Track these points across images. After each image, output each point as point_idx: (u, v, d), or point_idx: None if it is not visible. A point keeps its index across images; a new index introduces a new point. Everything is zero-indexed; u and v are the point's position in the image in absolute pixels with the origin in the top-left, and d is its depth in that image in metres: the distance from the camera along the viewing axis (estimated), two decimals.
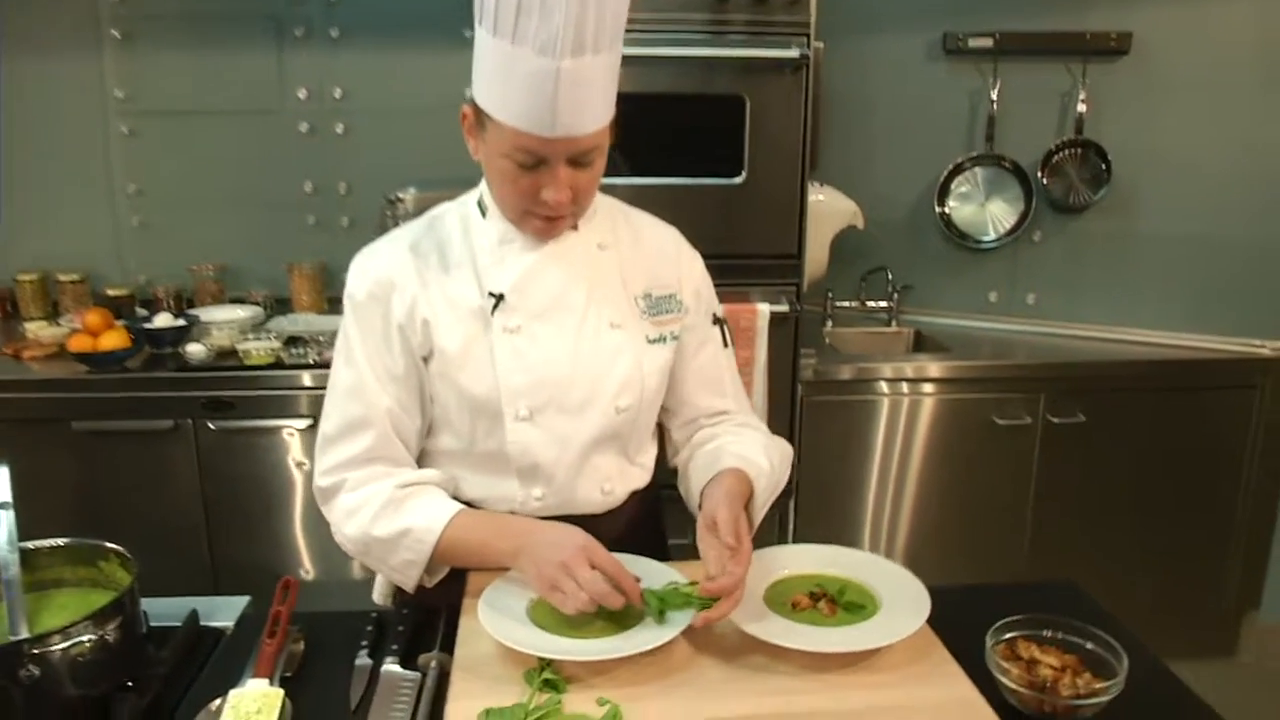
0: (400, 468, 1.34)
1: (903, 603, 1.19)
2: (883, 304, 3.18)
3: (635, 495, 1.46)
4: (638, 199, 1.51)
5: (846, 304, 3.18)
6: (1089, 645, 1.16)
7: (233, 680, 1.16)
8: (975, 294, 3.20)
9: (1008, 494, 2.85)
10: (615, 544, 1.35)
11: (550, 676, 1.07)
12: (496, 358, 1.30)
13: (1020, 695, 1.10)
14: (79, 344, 2.64)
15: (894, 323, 3.19)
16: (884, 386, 2.74)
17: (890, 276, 3.15)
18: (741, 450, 1.39)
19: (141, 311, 3.02)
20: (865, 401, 2.75)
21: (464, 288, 1.32)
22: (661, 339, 1.40)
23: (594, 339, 1.34)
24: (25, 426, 2.60)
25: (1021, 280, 3.16)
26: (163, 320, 2.79)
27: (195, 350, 2.71)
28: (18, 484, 2.56)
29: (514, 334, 1.30)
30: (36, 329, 2.89)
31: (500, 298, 1.30)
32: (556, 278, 1.32)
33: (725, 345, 1.51)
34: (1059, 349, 2.96)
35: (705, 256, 1.51)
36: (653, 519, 1.56)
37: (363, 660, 1.23)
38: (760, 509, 1.35)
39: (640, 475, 1.47)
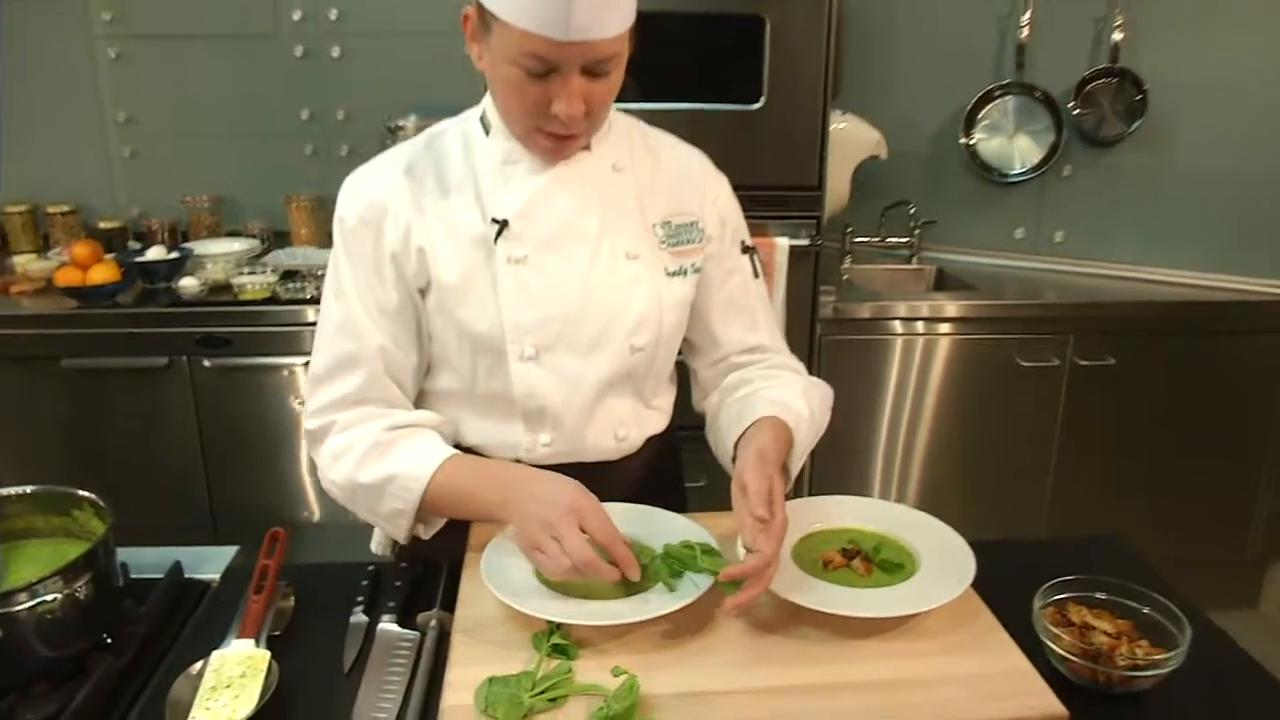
0: (393, 409, 1.23)
1: (945, 562, 1.10)
2: (904, 240, 3.06)
3: (651, 440, 1.36)
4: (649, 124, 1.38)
5: (866, 240, 3.05)
6: (1146, 610, 1.07)
7: (217, 639, 1.07)
8: (1001, 230, 3.07)
9: (1030, 439, 2.76)
10: (629, 493, 1.27)
11: (560, 641, 0.98)
12: (500, 291, 1.19)
13: (1071, 664, 1.01)
14: (66, 277, 2.54)
15: (915, 260, 3.07)
16: (904, 326, 2.63)
17: (912, 211, 3.02)
18: (777, 395, 1.28)
19: (134, 245, 2.93)
20: (885, 341, 2.65)
21: (464, 213, 1.20)
22: (681, 272, 1.28)
23: (608, 271, 1.23)
24: (13, 365, 2.52)
25: (1049, 216, 3.03)
26: (155, 253, 2.71)
27: (189, 284, 2.61)
28: (6, 425, 2.48)
29: (519, 265, 1.19)
30: (25, 263, 2.80)
31: (504, 224, 1.18)
32: (566, 203, 1.21)
33: (756, 276, 1.39)
34: (1087, 289, 2.85)
35: None
36: (670, 465, 1.46)
37: (357, 618, 1.14)
38: (799, 459, 1.25)
39: (657, 419, 1.37)
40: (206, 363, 2.53)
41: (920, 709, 0.91)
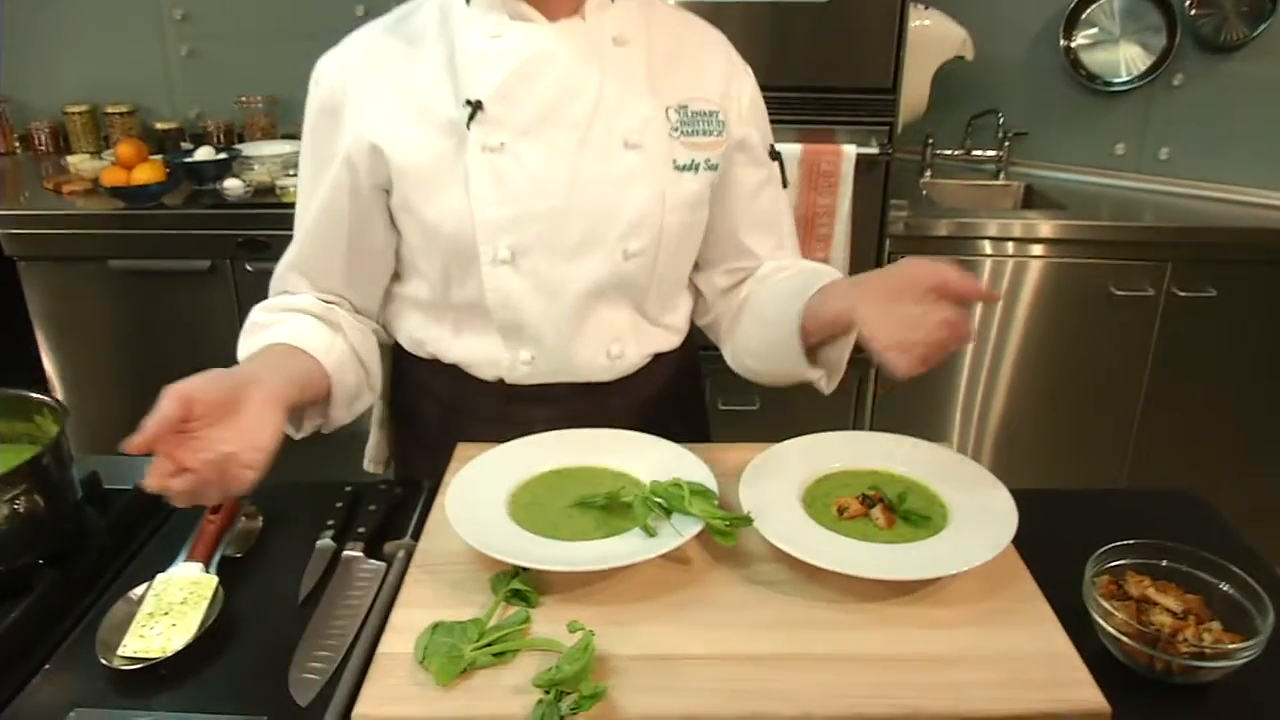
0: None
1: (981, 516, 0.94)
2: (991, 153, 2.81)
3: (661, 359, 1.22)
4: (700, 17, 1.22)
5: (948, 151, 2.81)
6: (1223, 586, 0.90)
7: (174, 560, 0.99)
8: (1099, 145, 2.79)
9: (1118, 376, 2.53)
10: (636, 420, 1.14)
11: (520, 587, 0.86)
12: (471, 183, 1.05)
13: (1125, 646, 0.85)
14: (112, 177, 2.50)
15: (1002, 175, 2.83)
16: (986, 246, 2.41)
17: (1001, 121, 2.77)
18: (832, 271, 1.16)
19: (186, 146, 2.88)
20: (963, 262, 2.43)
21: (436, 94, 1.06)
22: (693, 166, 1.12)
23: (600, 162, 1.07)
24: (63, 265, 2.51)
25: (1154, 131, 2.74)
26: (203, 154, 2.66)
27: (233, 186, 2.55)
28: (55, 324, 2.46)
29: (494, 154, 1.05)
30: (78, 162, 2.77)
31: (478, 106, 1.04)
32: (553, 82, 1.05)
33: (784, 185, 1.24)
34: (1191, 212, 2.58)
35: (783, 89, 1.23)
36: (687, 388, 1.32)
37: (324, 543, 1.04)
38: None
39: (664, 337, 1.22)
40: (249, 267, 2.46)
41: (930, 693, 0.76)
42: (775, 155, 1.21)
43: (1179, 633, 0.85)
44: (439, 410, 1.23)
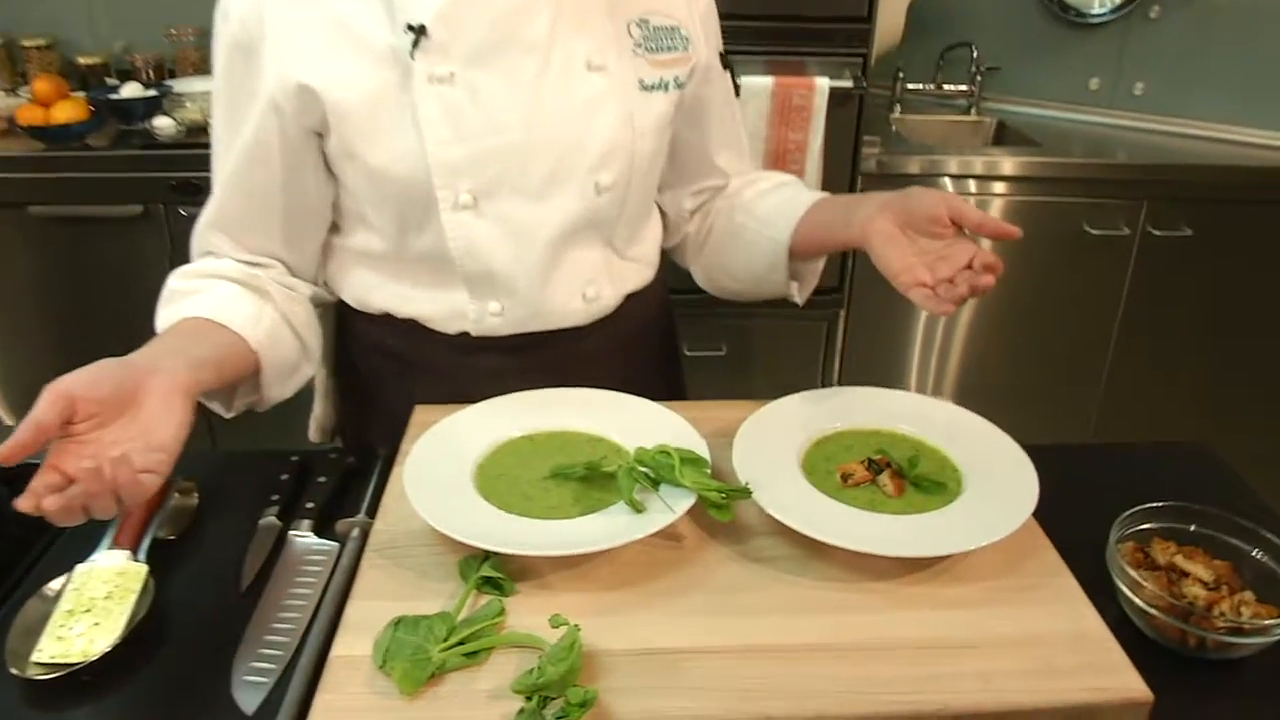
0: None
1: (999, 482, 0.85)
2: (963, 87, 2.72)
3: (633, 299, 1.13)
4: None
5: (919, 86, 2.71)
6: (1255, 553, 0.83)
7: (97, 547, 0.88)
8: (1073, 80, 2.71)
9: (1090, 318, 2.48)
10: (609, 367, 1.05)
11: (493, 573, 0.76)
12: (421, 122, 0.93)
13: (1155, 620, 0.78)
14: (29, 116, 2.31)
15: (974, 110, 2.74)
16: (957, 184, 2.33)
17: (975, 54, 2.66)
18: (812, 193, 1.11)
19: (112, 82, 2.68)
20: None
21: (369, 20, 0.93)
22: (661, 85, 1.02)
23: (563, 88, 0.96)
24: None
25: (1130, 66, 2.65)
26: (130, 90, 2.48)
27: (164, 125, 2.39)
28: None
29: (444, 85, 0.92)
30: None
31: (420, 31, 0.91)
32: (504, 0, 0.93)
33: (737, 94, 1.18)
34: (1167, 149, 2.51)
35: (753, 17, 1.16)
36: (661, 331, 1.23)
37: (269, 521, 0.94)
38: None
39: (637, 272, 1.13)
40: (184, 211, 2.30)
41: (956, 686, 0.68)
42: (727, 64, 1.14)
43: (1214, 606, 0.78)
44: (392, 368, 1.12)
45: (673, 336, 1.28)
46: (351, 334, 1.14)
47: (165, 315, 0.96)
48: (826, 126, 2.10)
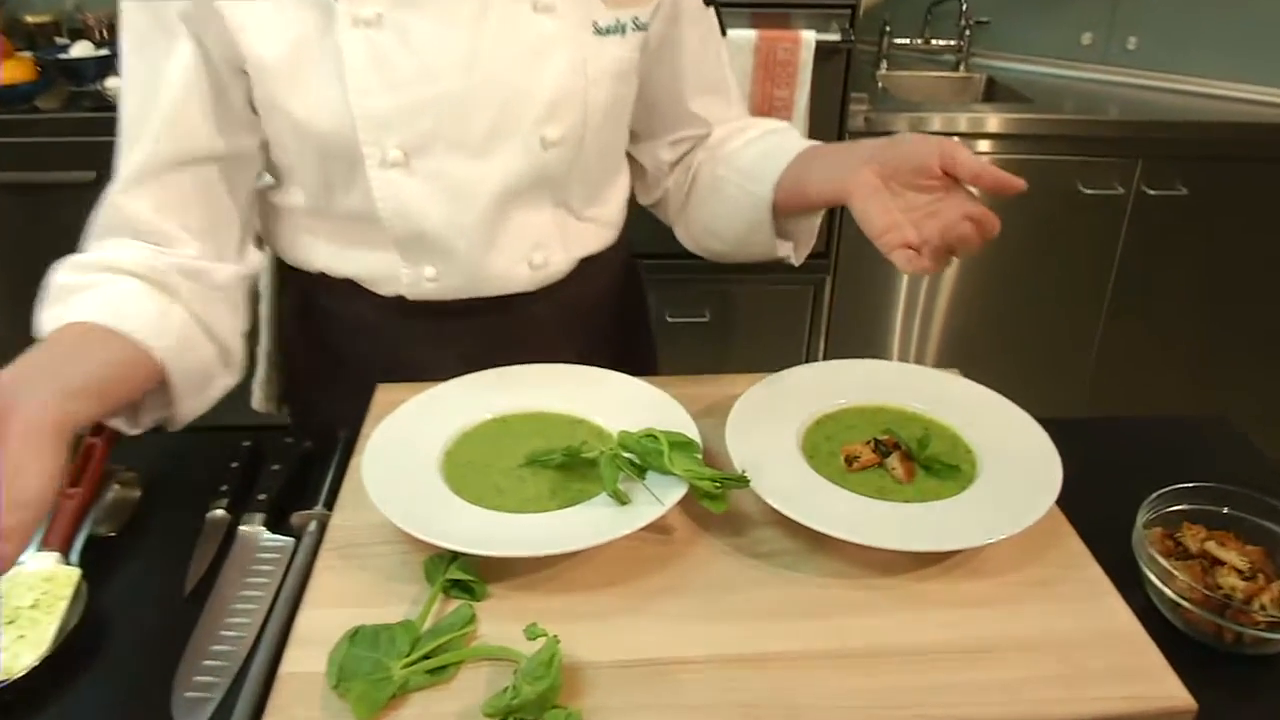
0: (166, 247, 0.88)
1: (1017, 462, 0.78)
2: (951, 43, 2.62)
3: (591, 262, 1.04)
4: None
5: (906, 41, 2.62)
6: None
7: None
8: (1065, 35, 2.62)
9: (1083, 280, 2.41)
10: (562, 340, 0.99)
11: (462, 575, 0.68)
12: (345, 69, 0.84)
13: (1188, 614, 0.72)
14: None
15: (963, 66, 2.65)
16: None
17: (964, 8, 2.57)
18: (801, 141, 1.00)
19: (62, 41, 2.55)
20: None
21: None
22: (618, 28, 0.92)
23: (505, 30, 0.87)
24: None
25: (1123, 20, 2.57)
26: (81, 50, 2.35)
27: (117, 87, 2.24)
28: None
29: (370, 28, 0.83)
30: None
31: None
32: None
33: (723, 34, 1.07)
34: (1162, 106, 2.42)
35: None
36: (626, 297, 1.15)
37: (217, 514, 0.85)
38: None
39: (594, 234, 1.04)
40: None
41: (975, 696, 0.61)
42: (710, 1, 1.03)
43: (1253, 599, 0.72)
44: (336, 333, 1.04)
45: (639, 305, 1.20)
46: (292, 293, 1.05)
47: (49, 318, 0.80)
48: (813, 82, 2.01)
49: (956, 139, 2.19)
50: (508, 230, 0.94)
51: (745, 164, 1.01)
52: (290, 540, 0.82)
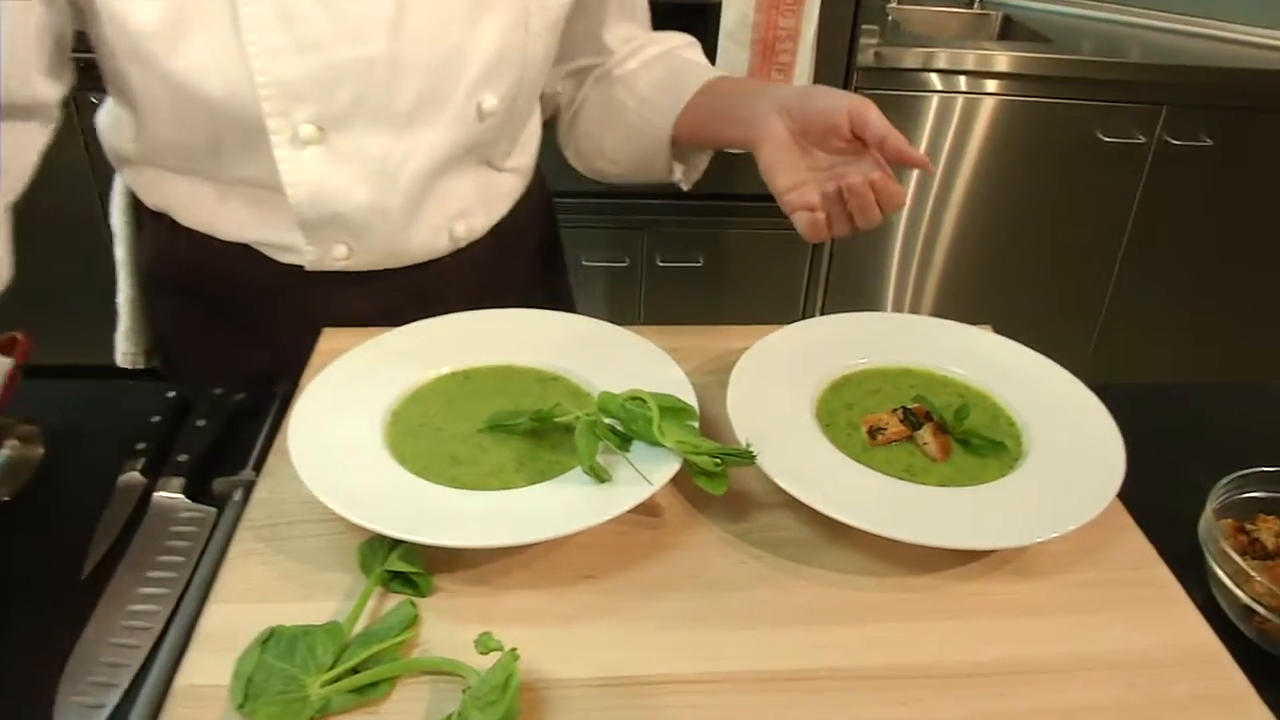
0: None
1: (1071, 442, 0.66)
2: None
3: (512, 212, 0.95)
4: None
5: None
6: None
7: None
8: None
9: (1096, 233, 2.29)
10: (474, 280, 0.90)
11: (404, 567, 0.56)
12: (244, 26, 0.70)
13: (1264, 624, 0.60)
14: None
15: (979, 2, 2.49)
16: (961, 81, 2.10)
17: None
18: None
19: None
20: (932, 99, 2.12)
21: None
22: None
23: None
24: None
25: None
26: None
27: None
28: None
29: None
30: None
31: None
32: None
33: None
34: (1189, 51, 2.27)
35: None
36: (541, 245, 1.05)
37: (131, 477, 0.73)
38: None
39: (514, 182, 0.94)
40: (94, 99, 2.01)
41: None
42: None
43: None
44: (215, 284, 0.91)
45: (557, 249, 1.10)
46: (154, 236, 0.92)
47: None
48: (821, 13, 1.86)
49: (969, 78, 2.08)
50: (430, 203, 0.84)
51: (644, 91, 0.94)
52: (212, 511, 0.70)
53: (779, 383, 0.69)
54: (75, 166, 1.98)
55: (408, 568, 0.55)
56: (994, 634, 0.55)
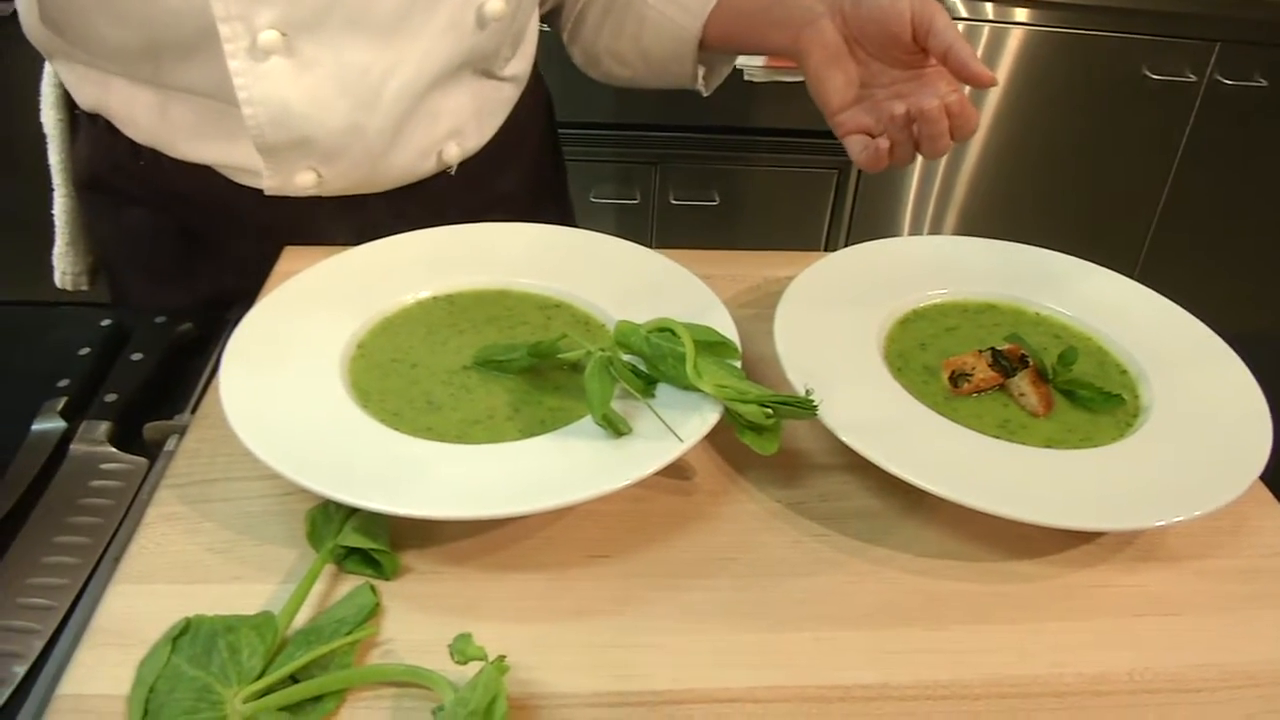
0: None
1: (1201, 399, 0.53)
2: None
3: (508, 126, 0.83)
4: None
5: None
6: None
7: None
8: None
9: (1136, 179, 2.16)
10: (467, 213, 0.74)
11: (365, 543, 0.43)
12: None
13: None
14: None
15: None
16: (989, 9, 1.95)
17: None
18: None
19: None
20: (970, 29, 1.97)
21: None
22: None
23: None
24: None
25: None
26: None
27: None
28: None
29: None
30: None
31: None
32: None
33: None
34: None
35: None
36: (540, 159, 0.93)
37: (46, 424, 0.61)
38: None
39: (512, 92, 0.82)
40: None
41: None
42: None
43: None
44: (167, 201, 0.78)
45: (557, 162, 0.99)
46: (90, 142, 0.79)
47: None
48: None
49: (1009, 8, 1.93)
50: (417, 124, 0.72)
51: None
52: (143, 462, 0.57)
53: (837, 317, 0.56)
54: None
55: (367, 543, 0.43)
56: (1113, 637, 0.43)
